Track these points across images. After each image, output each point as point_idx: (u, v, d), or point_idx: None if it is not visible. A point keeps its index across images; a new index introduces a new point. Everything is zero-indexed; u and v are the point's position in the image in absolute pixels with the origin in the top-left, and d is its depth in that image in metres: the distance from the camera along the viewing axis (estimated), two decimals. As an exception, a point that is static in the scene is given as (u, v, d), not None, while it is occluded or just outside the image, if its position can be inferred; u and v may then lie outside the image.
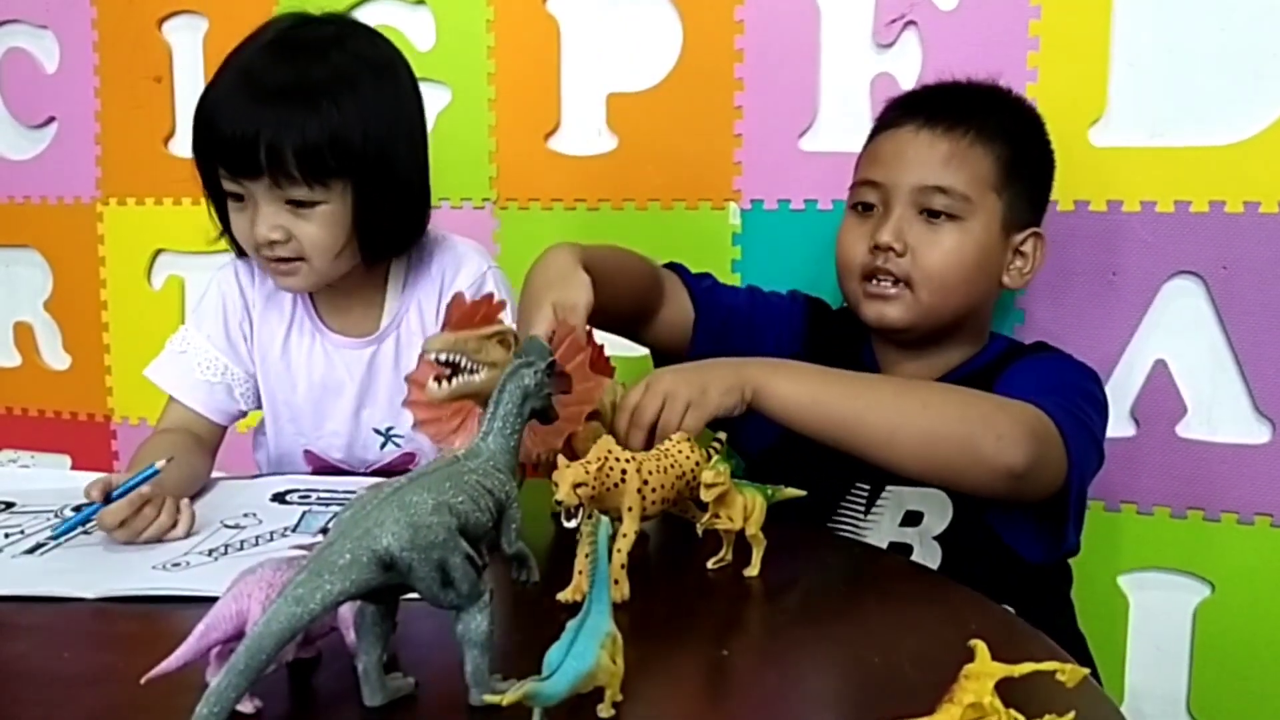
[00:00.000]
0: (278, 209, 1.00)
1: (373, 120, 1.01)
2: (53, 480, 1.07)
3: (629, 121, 1.41)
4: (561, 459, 0.68)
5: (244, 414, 1.16)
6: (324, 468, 1.15)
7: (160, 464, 0.89)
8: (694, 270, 1.16)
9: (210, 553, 0.81)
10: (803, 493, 0.83)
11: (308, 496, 0.98)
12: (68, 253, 1.75)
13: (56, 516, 0.90)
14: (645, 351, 1.43)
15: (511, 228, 1.48)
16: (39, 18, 1.72)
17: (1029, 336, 1.23)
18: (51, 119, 1.74)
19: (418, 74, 1.48)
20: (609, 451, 0.70)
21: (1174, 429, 1.21)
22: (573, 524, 0.67)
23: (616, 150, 1.42)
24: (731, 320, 1.14)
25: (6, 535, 0.86)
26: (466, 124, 1.48)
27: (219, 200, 1.06)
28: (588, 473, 0.67)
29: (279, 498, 0.98)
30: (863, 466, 0.99)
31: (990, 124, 1.07)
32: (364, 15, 1.52)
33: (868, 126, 1.29)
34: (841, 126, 1.31)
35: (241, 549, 0.82)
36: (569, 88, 1.44)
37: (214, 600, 0.56)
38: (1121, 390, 1.22)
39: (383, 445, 1.14)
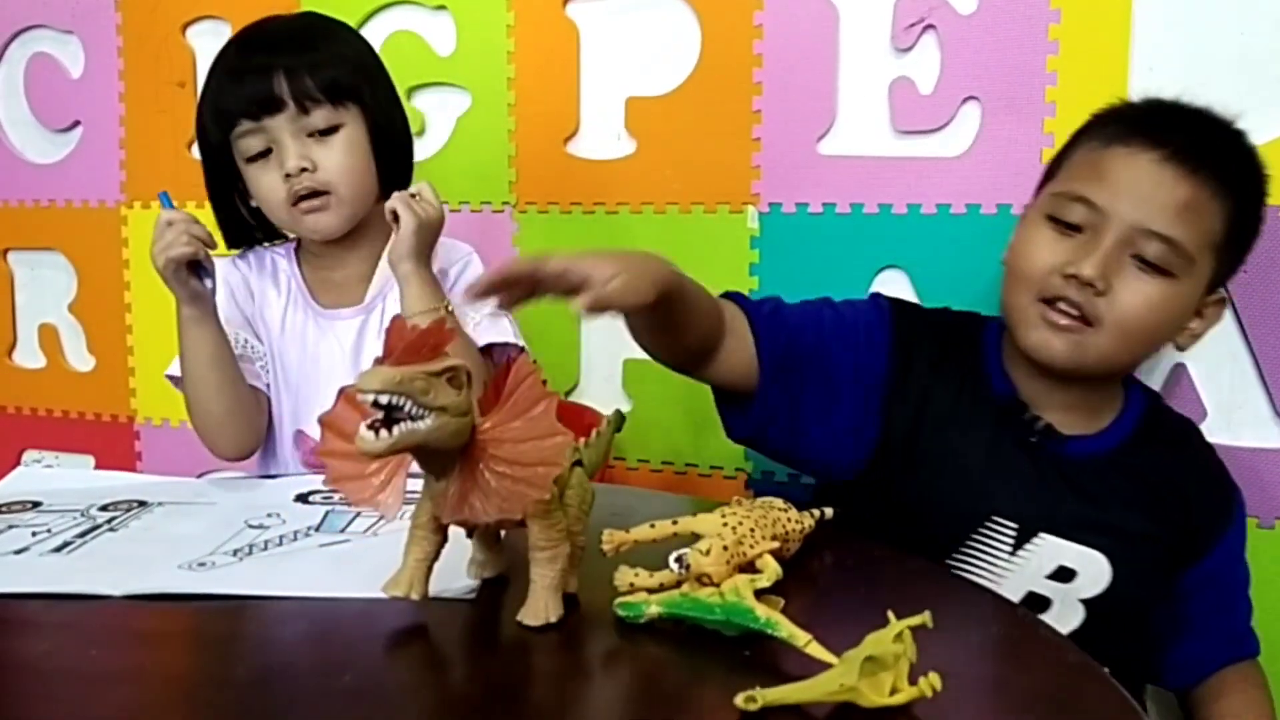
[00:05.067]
0: (301, 142, 1.11)
1: (361, 55, 1.17)
2: (78, 480, 1.08)
3: (648, 125, 1.42)
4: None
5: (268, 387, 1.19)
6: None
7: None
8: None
9: (235, 553, 0.82)
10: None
11: (330, 496, 0.98)
12: (92, 255, 1.76)
13: (83, 516, 0.92)
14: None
15: (531, 231, 1.49)
16: (64, 23, 1.73)
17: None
18: (76, 123, 1.75)
19: (438, 79, 1.51)
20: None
21: (1194, 433, 1.20)
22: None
23: (635, 154, 1.43)
24: (797, 344, 1.00)
25: (34, 534, 0.87)
26: (486, 128, 1.49)
27: (226, 193, 1.18)
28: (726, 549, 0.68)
29: (302, 498, 0.99)
30: (999, 502, 0.97)
31: (1231, 172, 0.94)
32: (384, 21, 1.53)
33: (887, 130, 1.30)
34: (860, 130, 1.31)
35: (265, 549, 0.83)
36: (588, 92, 1.45)
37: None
38: (1141, 394, 1.22)
39: None
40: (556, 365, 1.48)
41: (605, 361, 1.48)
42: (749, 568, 0.69)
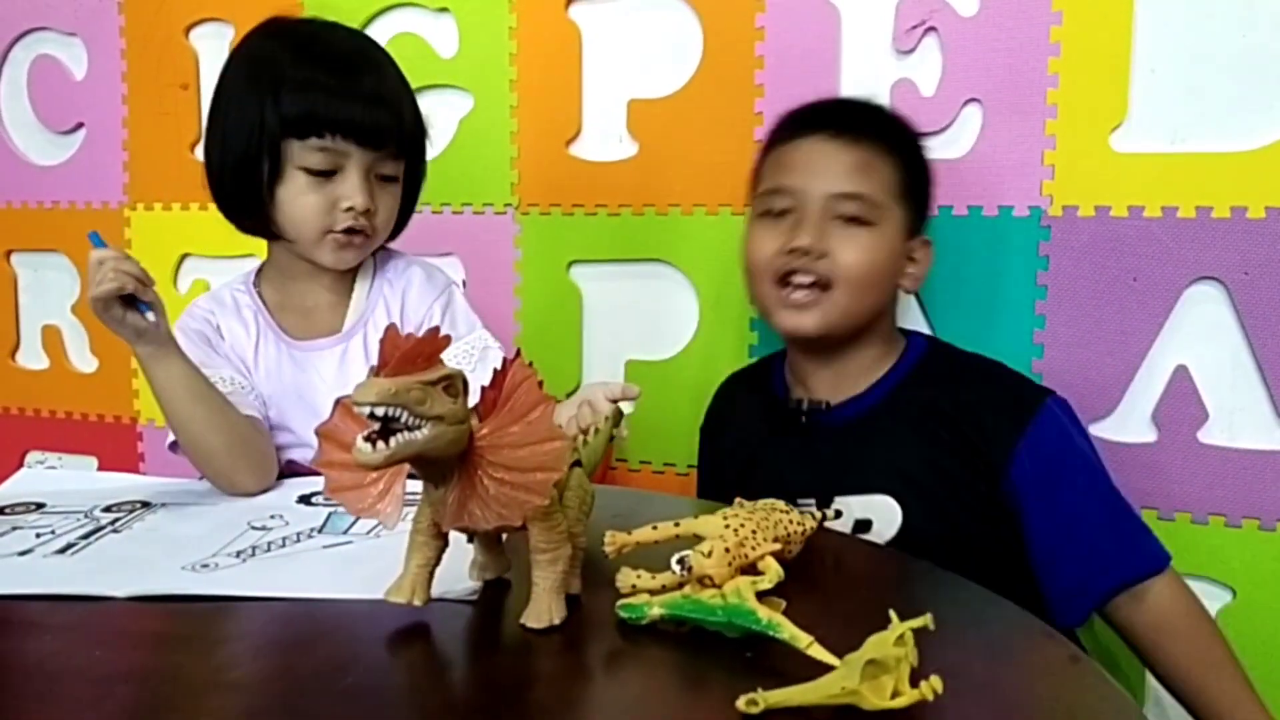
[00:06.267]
0: (369, 181, 1.09)
1: (419, 114, 1.15)
2: (81, 481, 1.09)
3: (650, 127, 1.42)
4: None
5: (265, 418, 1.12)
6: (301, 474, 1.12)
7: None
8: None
9: (238, 554, 0.82)
10: None
11: (332, 498, 0.99)
12: (95, 257, 1.77)
13: (86, 517, 0.92)
14: (665, 355, 1.44)
15: (533, 233, 1.49)
16: (68, 25, 1.74)
17: (1049, 341, 1.23)
18: (79, 125, 1.76)
19: (441, 81, 1.51)
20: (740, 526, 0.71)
21: (1195, 435, 1.20)
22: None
23: (637, 156, 1.43)
24: None
25: (38, 535, 0.87)
26: (488, 130, 1.49)
27: (256, 186, 1.07)
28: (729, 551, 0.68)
29: (304, 499, 0.99)
30: (796, 483, 1.05)
31: (891, 138, 1.12)
32: (387, 22, 1.53)
33: (888, 132, 1.30)
34: (862, 132, 1.31)
35: (269, 550, 0.83)
36: (590, 94, 1.45)
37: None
38: (1142, 396, 1.22)
39: None
40: (557, 367, 1.48)
41: (606, 362, 1.48)
42: (751, 569, 0.69)
